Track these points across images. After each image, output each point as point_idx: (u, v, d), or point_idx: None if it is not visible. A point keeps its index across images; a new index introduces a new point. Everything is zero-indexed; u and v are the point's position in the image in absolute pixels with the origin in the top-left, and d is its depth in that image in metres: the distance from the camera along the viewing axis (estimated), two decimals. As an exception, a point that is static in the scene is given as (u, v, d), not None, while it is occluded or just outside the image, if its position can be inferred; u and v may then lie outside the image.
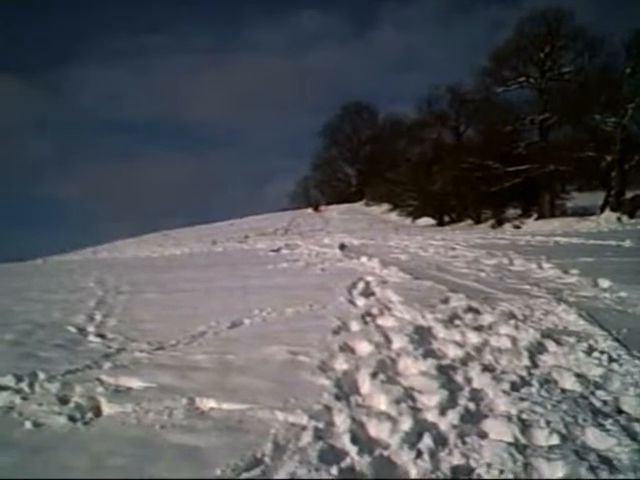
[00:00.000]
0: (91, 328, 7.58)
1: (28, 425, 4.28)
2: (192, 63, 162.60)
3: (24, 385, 5.14)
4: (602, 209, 33.58)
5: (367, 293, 9.13)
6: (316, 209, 65.72)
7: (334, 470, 3.36)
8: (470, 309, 7.39)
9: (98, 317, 8.31)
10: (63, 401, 4.71)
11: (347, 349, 5.84)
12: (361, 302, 8.38)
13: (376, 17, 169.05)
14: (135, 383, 5.12)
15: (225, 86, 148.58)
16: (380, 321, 7.09)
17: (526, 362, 5.32)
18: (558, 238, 18.88)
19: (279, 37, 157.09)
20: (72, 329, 7.52)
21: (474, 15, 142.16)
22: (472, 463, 3.50)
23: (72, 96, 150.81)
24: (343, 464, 3.47)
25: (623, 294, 8.27)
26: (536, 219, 36.99)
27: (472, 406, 4.30)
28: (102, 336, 7.09)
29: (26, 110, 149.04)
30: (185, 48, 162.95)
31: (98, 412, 4.57)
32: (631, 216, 31.17)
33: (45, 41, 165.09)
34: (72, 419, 4.37)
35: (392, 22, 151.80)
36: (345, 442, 3.76)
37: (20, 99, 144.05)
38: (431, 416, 4.16)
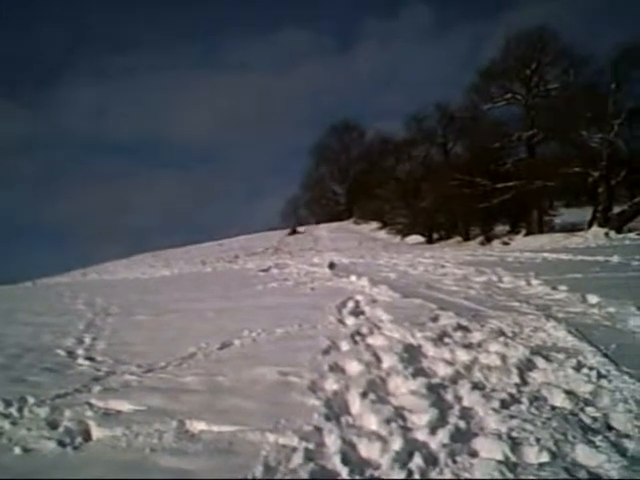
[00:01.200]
0: (80, 351, 7.56)
1: (17, 450, 4.27)
2: (179, 82, 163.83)
3: (13, 410, 5.12)
4: (590, 225, 33.72)
5: (357, 312, 9.13)
6: (294, 232, 61.51)
7: (325, 491, 3.36)
8: (459, 327, 7.39)
9: (87, 340, 8.28)
10: (52, 426, 4.69)
11: (337, 369, 5.83)
12: (351, 321, 8.38)
13: (359, 33, 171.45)
14: (125, 406, 5.11)
15: (212, 104, 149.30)
16: (370, 340, 7.09)
17: (516, 379, 5.33)
18: (546, 254, 18.94)
19: (265, 55, 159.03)
20: (61, 352, 7.50)
21: (457, 31, 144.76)
22: (463, 482, 3.51)
23: (57, 116, 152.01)
24: (334, 485, 3.48)
25: (611, 310, 8.28)
26: (525, 235, 37.07)
27: (462, 424, 4.31)
28: (91, 359, 7.06)
29: (11, 130, 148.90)
30: (171, 67, 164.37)
31: (88, 436, 4.55)
32: (618, 231, 31.29)
33: (30, 60, 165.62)
34: (62, 444, 4.35)
35: (375, 38, 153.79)
36: (336, 463, 3.76)
37: (4, 119, 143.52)
38: (421, 435, 4.17)
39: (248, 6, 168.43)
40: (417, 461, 3.71)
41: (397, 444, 3.96)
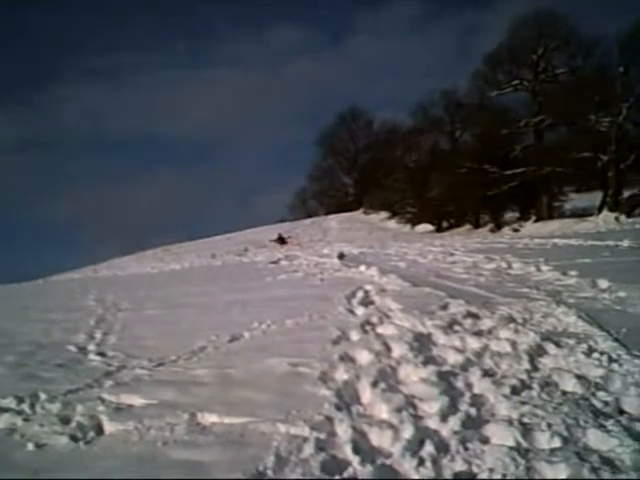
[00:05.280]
0: (91, 347, 7.59)
1: (30, 446, 4.28)
2: (172, 80, 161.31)
3: (25, 406, 5.14)
4: (600, 209, 33.64)
5: (366, 302, 9.12)
6: (280, 239, 46.06)
7: (336, 480, 3.37)
8: (469, 314, 7.38)
9: (98, 335, 8.30)
10: (65, 421, 4.71)
11: (347, 359, 5.83)
12: (360, 311, 8.37)
13: (349, 27, 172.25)
14: (136, 400, 5.12)
15: (208, 102, 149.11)
16: (380, 329, 7.09)
17: (526, 365, 5.32)
18: (556, 240, 18.89)
19: (255, 51, 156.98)
20: (73, 348, 7.52)
21: (448, 21, 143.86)
22: (474, 469, 3.50)
23: (54, 117, 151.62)
24: (345, 474, 3.48)
25: (622, 294, 8.27)
26: (534, 221, 37.02)
27: (473, 411, 4.31)
28: (102, 354, 7.08)
29: (9, 131, 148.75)
30: (164, 65, 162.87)
31: (100, 431, 4.56)
32: (629, 215, 31.23)
33: (25, 61, 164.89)
34: (74, 439, 4.36)
35: (365, 31, 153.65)
36: (347, 452, 3.76)
37: (4, 119, 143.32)
38: (432, 423, 4.17)
39: (237, 3, 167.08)
40: (428, 449, 3.71)
41: (408, 432, 3.96)
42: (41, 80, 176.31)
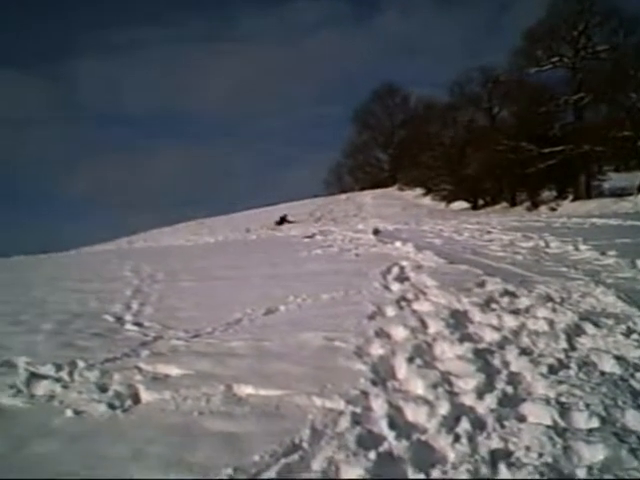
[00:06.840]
0: (128, 317, 7.64)
1: (69, 413, 4.34)
2: (190, 54, 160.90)
3: (64, 374, 5.20)
4: (639, 189, 33.10)
5: (402, 278, 9.08)
6: (282, 221, 43.42)
7: (372, 455, 3.35)
8: (506, 292, 7.32)
9: (135, 306, 8.37)
10: (102, 389, 4.76)
11: (383, 334, 5.82)
12: (396, 287, 8.34)
13: (377, 2, 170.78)
14: (173, 370, 5.16)
15: (224, 76, 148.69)
16: (415, 306, 7.06)
17: (564, 345, 5.26)
18: (595, 219, 18.65)
19: (277, 25, 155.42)
20: (109, 318, 7.58)
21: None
22: (511, 447, 3.48)
23: (73, 90, 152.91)
24: (381, 449, 3.46)
25: (662, 275, 8.15)
26: (572, 201, 36.59)
27: (510, 390, 4.28)
28: (139, 324, 7.14)
29: (29, 104, 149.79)
30: (181, 39, 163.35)
31: (137, 400, 4.61)
32: (669, 196, 30.71)
33: (44, 35, 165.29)
34: (111, 407, 4.41)
35: (394, 7, 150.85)
36: (383, 427, 3.76)
37: (22, 93, 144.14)
38: (468, 400, 4.15)
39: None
40: (464, 426, 3.69)
41: (444, 409, 3.95)
42: (61, 55, 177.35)
